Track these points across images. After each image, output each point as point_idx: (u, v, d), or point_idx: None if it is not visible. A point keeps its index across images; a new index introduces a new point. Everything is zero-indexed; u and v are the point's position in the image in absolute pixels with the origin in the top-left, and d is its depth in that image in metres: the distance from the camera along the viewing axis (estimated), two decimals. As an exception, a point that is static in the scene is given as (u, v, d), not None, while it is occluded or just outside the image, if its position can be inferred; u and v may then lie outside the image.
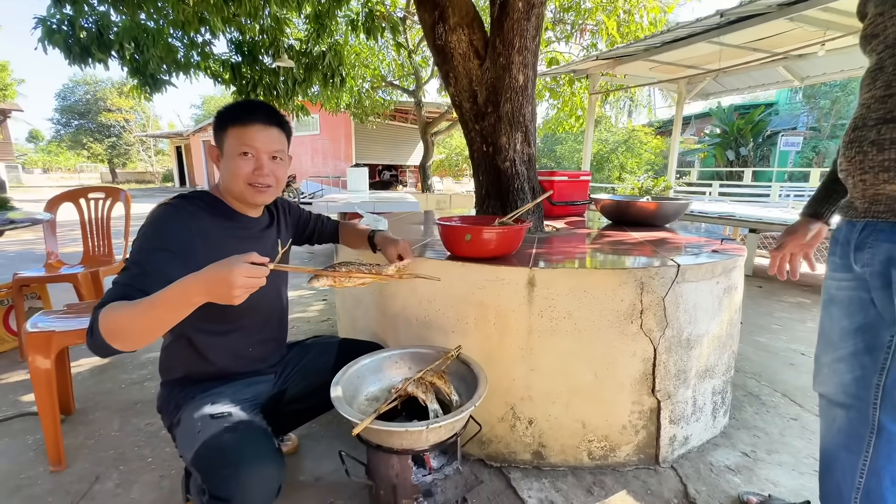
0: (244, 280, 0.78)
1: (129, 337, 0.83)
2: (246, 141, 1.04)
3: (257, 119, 1.05)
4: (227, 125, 1.05)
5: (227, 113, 1.07)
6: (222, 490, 0.90)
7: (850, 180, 0.82)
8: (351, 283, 0.95)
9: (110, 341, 0.82)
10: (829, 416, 0.96)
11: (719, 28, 4.00)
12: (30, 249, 5.30)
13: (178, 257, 0.95)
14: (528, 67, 1.80)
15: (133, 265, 0.93)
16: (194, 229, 1.01)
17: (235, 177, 1.05)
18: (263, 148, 1.05)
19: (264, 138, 1.05)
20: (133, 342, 0.84)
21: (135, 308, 0.82)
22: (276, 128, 1.08)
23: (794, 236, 1.04)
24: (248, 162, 1.05)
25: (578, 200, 2.59)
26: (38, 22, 3.29)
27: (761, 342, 2.48)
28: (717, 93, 6.64)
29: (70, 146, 30.60)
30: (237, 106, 1.08)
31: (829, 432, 0.97)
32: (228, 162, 1.05)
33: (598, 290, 1.26)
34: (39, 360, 1.36)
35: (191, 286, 0.80)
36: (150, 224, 0.99)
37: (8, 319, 2.29)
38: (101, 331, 0.82)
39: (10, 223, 1.47)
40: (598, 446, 1.36)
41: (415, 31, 8.28)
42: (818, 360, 0.98)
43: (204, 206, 1.07)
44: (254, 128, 1.04)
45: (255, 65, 4.67)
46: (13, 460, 1.42)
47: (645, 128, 15.53)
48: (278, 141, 1.08)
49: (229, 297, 0.79)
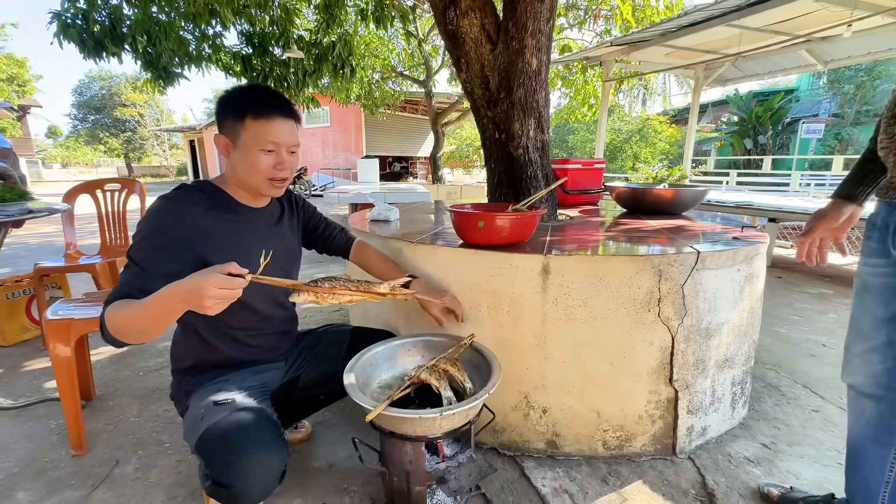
0: (215, 292, 0.79)
1: (131, 334, 0.88)
2: (270, 137, 1.01)
3: (278, 112, 1.03)
4: (246, 116, 1.01)
5: (243, 102, 1.03)
6: (224, 476, 0.90)
7: (891, 158, 0.77)
8: (335, 300, 0.90)
9: (119, 338, 0.88)
10: (857, 407, 0.93)
11: (739, 10, 3.86)
12: (49, 241, 5.43)
13: (175, 254, 0.97)
14: (542, 51, 1.76)
15: (133, 264, 0.95)
16: (191, 223, 1.00)
17: (256, 171, 1.04)
18: (285, 143, 1.04)
19: (287, 133, 1.04)
20: (136, 338, 0.89)
21: (132, 310, 0.86)
22: (293, 121, 1.06)
23: (825, 220, 0.97)
24: (270, 157, 1.03)
25: (592, 189, 2.54)
26: (54, 16, 3.33)
27: (781, 333, 2.42)
28: (736, 79, 6.45)
29: (87, 141, 31.18)
30: (253, 95, 1.04)
31: (857, 424, 0.94)
32: (248, 155, 1.03)
33: (614, 278, 1.23)
34: (60, 348, 1.39)
35: (172, 295, 0.83)
36: (149, 219, 0.99)
37: (30, 309, 2.35)
38: (109, 328, 0.87)
39: (29, 212, 1.49)
40: (614, 436, 1.34)
41: (425, 19, 8.19)
42: (848, 350, 0.95)
43: (204, 198, 1.06)
44: (276, 122, 1.02)
45: (265, 56, 4.67)
46: (37, 444, 1.46)
47: (659, 116, 15.21)
48: (295, 134, 1.07)
49: (202, 308, 0.80)
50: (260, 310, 1.17)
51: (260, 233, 1.15)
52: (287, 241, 1.24)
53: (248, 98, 1.03)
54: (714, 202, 4.52)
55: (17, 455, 1.40)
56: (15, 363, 2.07)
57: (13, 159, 5.92)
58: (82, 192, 2.49)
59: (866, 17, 3.59)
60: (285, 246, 1.23)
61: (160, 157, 32.56)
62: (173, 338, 1.18)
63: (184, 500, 1.21)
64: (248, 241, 1.11)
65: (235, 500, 0.95)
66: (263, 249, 1.15)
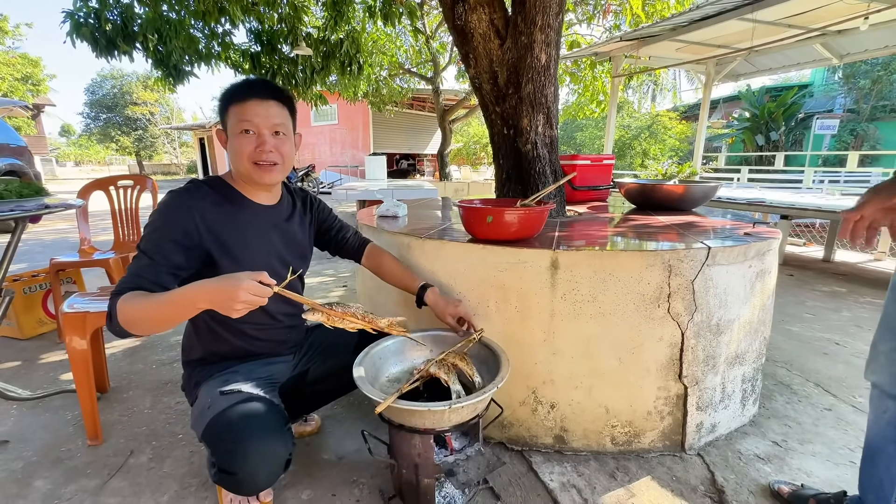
0: (247, 296, 0.81)
1: (143, 327, 0.90)
2: (244, 117, 1.02)
3: (254, 94, 1.03)
4: (228, 104, 1.04)
5: (226, 93, 1.06)
6: (228, 464, 0.92)
7: None
8: (342, 326, 0.97)
9: (127, 329, 0.89)
10: (880, 406, 0.92)
11: (752, 3, 3.80)
12: (63, 238, 5.53)
13: (183, 246, 0.99)
14: (551, 46, 1.75)
15: (143, 255, 0.96)
16: (199, 217, 1.02)
17: (240, 156, 1.04)
18: (263, 123, 1.03)
19: (263, 112, 1.03)
20: (147, 331, 0.91)
21: (148, 302, 0.87)
22: (274, 101, 1.05)
23: (880, 197, 0.81)
24: (249, 139, 1.03)
25: (601, 185, 2.53)
26: (67, 16, 3.37)
27: (793, 331, 2.39)
28: (748, 73, 6.36)
29: (99, 139, 31.64)
30: (236, 84, 1.06)
31: (877, 423, 0.93)
32: (232, 141, 1.05)
33: (623, 273, 1.22)
34: (76, 341, 1.41)
35: (198, 293, 0.84)
36: (158, 213, 1.00)
37: (46, 303, 2.40)
38: (119, 319, 0.88)
39: (46, 207, 1.52)
40: (622, 432, 1.34)
41: (432, 16, 8.18)
42: (875, 347, 0.93)
43: (212, 193, 1.07)
44: (251, 102, 1.02)
45: (273, 54, 4.69)
46: (54, 434, 1.50)
47: (669, 112, 15.03)
48: (278, 115, 1.05)
49: (230, 310, 0.82)
50: (267, 307, 1.19)
51: (267, 230, 1.15)
52: (297, 240, 1.25)
53: (234, 88, 1.05)
54: (725, 199, 4.46)
55: (35, 444, 1.44)
56: (32, 356, 2.11)
57: (28, 157, 6.04)
58: (96, 188, 2.53)
59: (884, 9, 3.52)
60: (294, 245, 1.23)
61: (170, 155, 32.91)
62: (185, 330, 1.20)
63: (196, 489, 1.24)
64: (253, 238, 1.12)
65: (240, 486, 0.97)
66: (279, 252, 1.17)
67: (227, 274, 0.85)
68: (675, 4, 5.58)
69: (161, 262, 0.95)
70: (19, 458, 1.37)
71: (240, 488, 0.99)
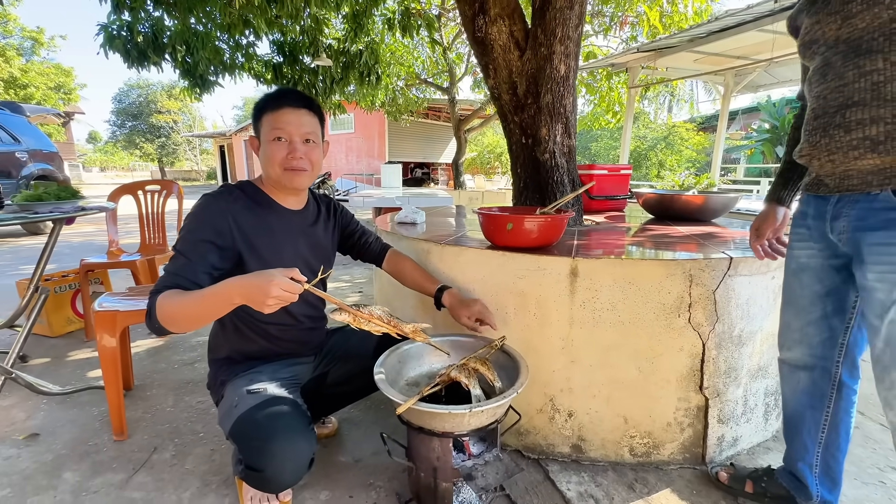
0: (279, 292, 0.84)
1: (181, 323, 0.93)
2: (277, 125, 1.07)
3: (286, 102, 1.08)
4: (262, 113, 1.09)
5: (260, 102, 1.11)
6: (255, 461, 0.95)
7: (815, 162, 0.92)
8: (367, 328, 0.98)
9: (165, 325, 0.92)
10: (792, 380, 1.10)
11: (773, 15, 3.78)
12: (90, 241, 5.71)
13: (219, 247, 1.03)
14: (570, 57, 1.77)
15: (179, 255, 1.00)
16: (231, 220, 1.06)
17: (272, 162, 1.09)
18: (295, 131, 1.08)
19: (295, 121, 1.08)
20: (185, 327, 0.94)
21: (186, 299, 0.91)
22: (305, 110, 1.10)
23: (767, 222, 1.11)
24: (281, 146, 1.08)
25: (618, 195, 2.52)
26: (101, 29, 3.53)
27: (816, 346, 2.33)
28: (768, 85, 6.29)
29: (124, 146, 32.72)
30: (269, 94, 1.12)
31: (794, 395, 1.10)
32: (265, 148, 1.10)
33: (643, 282, 1.22)
34: (106, 339, 1.46)
35: (233, 289, 0.87)
36: (194, 215, 1.05)
37: (75, 302, 2.48)
38: (158, 316, 0.91)
39: (82, 210, 1.59)
40: (641, 443, 1.33)
41: (449, 28, 8.30)
42: (788, 327, 1.08)
43: (244, 197, 1.12)
44: (284, 111, 1.08)
45: (295, 64, 4.82)
46: (82, 429, 1.54)
47: (686, 124, 14.89)
48: (309, 123, 1.11)
49: (262, 305, 0.85)
50: (290, 307, 1.22)
51: (294, 233, 1.20)
52: (321, 244, 1.29)
53: (268, 98, 1.11)
54: (745, 211, 4.39)
55: (64, 438, 1.49)
56: (61, 353, 2.19)
57: (59, 162, 6.27)
58: (125, 192, 2.62)
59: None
60: (319, 249, 1.28)
61: (191, 162, 33.84)
62: (211, 330, 1.23)
63: (217, 486, 1.26)
64: (282, 241, 1.16)
65: (266, 483, 0.99)
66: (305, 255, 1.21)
67: (261, 270, 0.88)
68: (692, 16, 5.58)
69: (197, 261, 0.99)
70: (49, 451, 1.42)
71: (266, 485, 1.01)
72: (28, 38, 17.68)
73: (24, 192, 1.65)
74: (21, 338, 1.66)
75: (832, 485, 1.08)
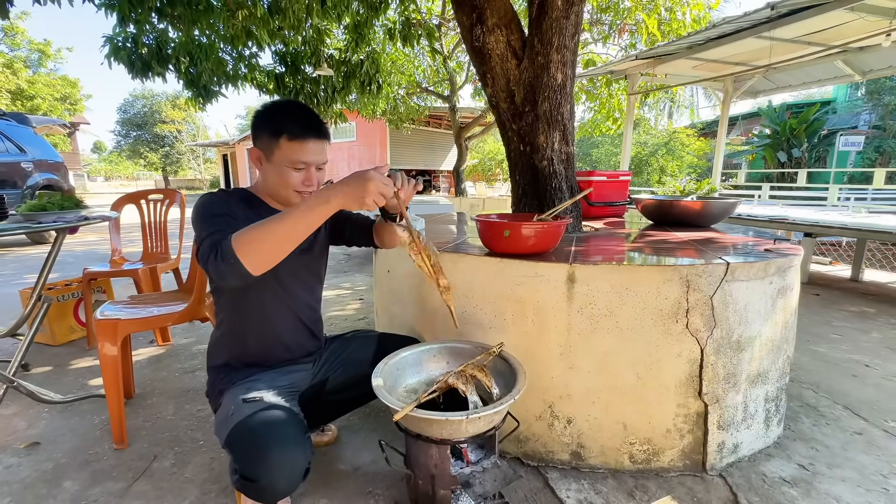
0: (381, 187, 0.87)
1: (264, 248, 0.89)
2: (302, 157, 1.08)
3: (312, 135, 1.08)
4: (281, 136, 1.06)
5: (280, 121, 1.07)
6: (250, 471, 0.94)
7: None
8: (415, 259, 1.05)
9: (243, 256, 0.88)
10: None
11: (770, 22, 3.81)
12: (93, 249, 5.75)
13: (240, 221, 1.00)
14: (567, 66, 1.79)
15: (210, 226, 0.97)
16: (237, 212, 1.07)
17: (286, 186, 1.10)
18: (314, 161, 1.10)
19: (318, 151, 1.10)
20: (267, 253, 0.90)
21: (272, 220, 0.89)
22: (325, 140, 1.12)
23: None
24: (300, 174, 1.10)
25: (617, 201, 2.53)
26: (106, 40, 3.59)
27: (819, 352, 2.32)
28: (767, 90, 6.30)
29: (129, 156, 33.06)
30: (290, 115, 1.09)
31: None
32: (279, 170, 1.09)
33: (641, 288, 1.22)
34: (107, 347, 1.47)
35: (331, 191, 0.88)
36: (204, 207, 1.04)
37: (77, 311, 2.50)
38: (236, 246, 0.87)
39: (85, 219, 1.61)
40: (640, 449, 1.32)
41: (449, 37, 8.39)
42: None
43: (243, 201, 1.13)
44: (309, 144, 1.08)
45: (297, 74, 4.88)
46: (82, 437, 1.55)
47: (687, 129, 14.92)
48: (325, 152, 1.14)
49: (362, 201, 0.88)
50: (296, 310, 1.24)
51: None
52: (319, 240, 1.31)
53: (286, 118, 1.08)
54: (745, 216, 4.39)
55: (65, 447, 1.49)
56: (62, 361, 2.20)
57: (64, 172, 6.33)
58: (128, 202, 2.65)
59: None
60: (317, 245, 1.29)
61: (195, 171, 34.10)
62: (211, 337, 1.24)
63: (216, 495, 1.26)
64: None
65: (261, 493, 0.99)
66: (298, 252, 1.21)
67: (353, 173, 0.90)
68: (691, 24, 5.62)
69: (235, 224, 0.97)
70: (49, 460, 1.42)
71: (261, 496, 1.01)
72: (35, 50, 17.97)
73: (29, 202, 1.68)
74: (23, 346, 1.67)
75: None
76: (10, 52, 17.01)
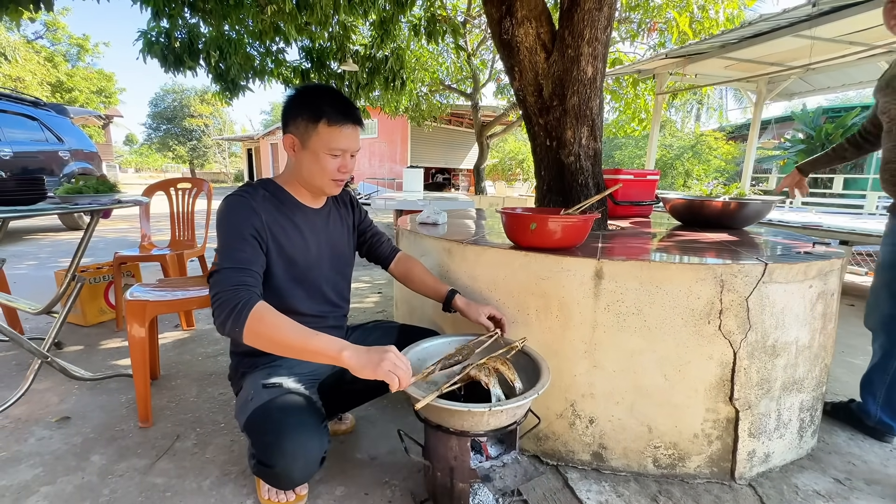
0: (395, 360, 0.89)
1: (270, 345, 0.92)
2: (341, 144, 1.07)
3: (350, 120, 1.08)
4: (320, 121, 1.05)
5: (318, 106, 1.05)
6: (267, 456, 0.95)
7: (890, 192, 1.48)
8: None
9: (247, 336, 0.91)
10: None
11: (810, 20, 3.65)
12: (124, 237, 5.94)
13: (259, 245, 1.05)
14: (598, 59, 1.75)
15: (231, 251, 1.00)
16: (263, 216, 1.07)
17: (323, 173, 1.10)
18: (350, 148, 1.10)
19: (355, 138, 1.10)
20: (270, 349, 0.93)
21: (290, 330, 0.91)
22: (360, 127, 1.12)
23: (789, 177, 1.91)
24: (336, 161, 1.10)
25: (644, 200, 2.46)
26: (141, 35, 3.70)
27: (856, 364, 2.21)
28: (803, 92, 6.06)
29: (158, 148, 34.17)
30: (329, 100, 1.06)
31: None
32: (316, 157, 1.08)
33: (671, 286, 1.18)
34: (136, 328, 1.51)
35: (343, 354, 0.88)
36: (227, 216, 1.05)
37: (108, 293, 2.58)
38: (248, 325, 0.90)
39: (118, 202, 1.66)
40: (665, 454, 1.28)
41: (474, 34, 8.36)
42: None
43: (269, 196, 1.13)
44: (347, 128, 1.07)
45: (322, 70, 4.93)
46: (109, 414, 1.59)
47: (715, 132, 14.51)
48: (359, 140, 1.14)
49: (369, 375, 0.88)
50: (328, 295, 1.25)
51: (318, 232, 1.21)
52: (344, 240, 1.31)
53: (325, 102, 1.06)
54: (776, 221, 4.23)
55: (93, 422, 1.54)
56: (93, 341, 2.27)
57: (98, 162, 6.56)
58: (158, 189, 2.73)
59: (960, 24, 3.28)
60: (339, 245, 1.29)
61: (220, 164, 34.99)
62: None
63: (236, 476, 1.28)
64: (307, 239, 1.18)
65: (277, 479, 0.99)
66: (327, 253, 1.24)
67: (374, 347, 0.91)
68: (724, 22, 5.45)
69: (252, 255, 1.02)
70: (78, 434, 1.47)
71: (276, 481, 1.02)
72: (75, 44, 18.71)
73: (66, 185, 1.73)
74: (57, 324, 1.73)
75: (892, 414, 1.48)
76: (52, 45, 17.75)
